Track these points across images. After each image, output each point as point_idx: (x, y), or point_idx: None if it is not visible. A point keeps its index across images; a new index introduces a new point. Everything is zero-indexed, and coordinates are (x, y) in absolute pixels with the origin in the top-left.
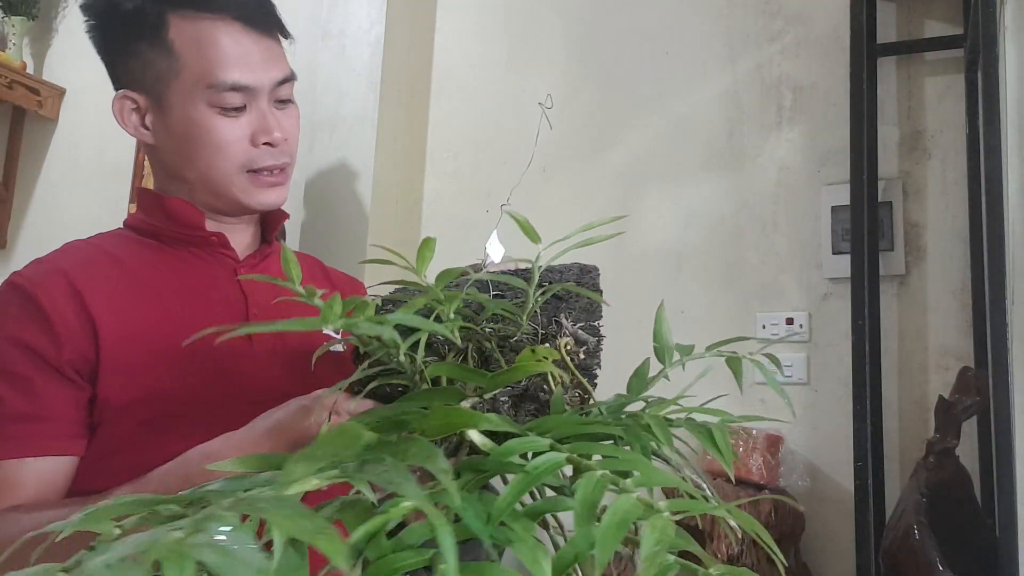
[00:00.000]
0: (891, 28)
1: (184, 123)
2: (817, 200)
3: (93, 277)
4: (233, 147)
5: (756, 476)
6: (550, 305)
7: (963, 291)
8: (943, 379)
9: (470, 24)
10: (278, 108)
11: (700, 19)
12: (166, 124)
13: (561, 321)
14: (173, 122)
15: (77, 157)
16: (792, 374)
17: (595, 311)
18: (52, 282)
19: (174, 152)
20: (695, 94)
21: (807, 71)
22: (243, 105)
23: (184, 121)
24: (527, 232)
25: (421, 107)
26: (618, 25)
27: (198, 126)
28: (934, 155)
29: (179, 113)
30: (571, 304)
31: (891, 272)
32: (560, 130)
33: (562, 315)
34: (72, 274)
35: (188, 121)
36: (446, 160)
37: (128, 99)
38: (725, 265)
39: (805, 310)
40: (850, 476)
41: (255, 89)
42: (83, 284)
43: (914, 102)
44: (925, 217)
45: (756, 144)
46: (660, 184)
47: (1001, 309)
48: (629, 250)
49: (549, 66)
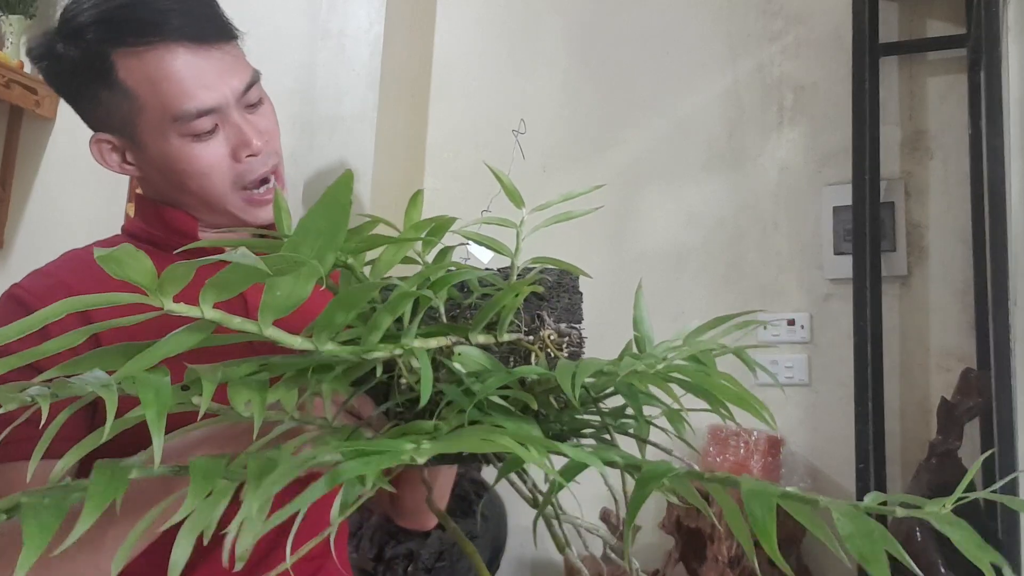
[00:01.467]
0: (893, 28)
1: (162, 158)
2: (818, 200)
3: (95, 289)
4: (217, 169)
5: (757, 477)
6: (532, 304)
7: (965, 292)
8: (945, 380)
9: (470, 23)
10: (250, 113)
11: (701, 19)
12: (146, 159)
13: (543, 316)
14: (152, 157)
15: (75, 156)
16: (793, 375)
17: (576, 312)
18: (55, 297)
19: (163, 182)
20: (696, 94)
21: (808, 71)
22: (215, 126)
23: (162, 156)
24: (511, 195)
25: (421, 107)
26: (619, 25)
27: (177, 159)
28: (936, 155)
29: (154, 149)
30: (552, 304)
31: (893, 273)
32: (560, 130)
33: (544, 311)
34: (76, 288)
35: (165, 156)
36: (446, 160)
37: (104, 142)
38: (725, 266)
39: (806, 311)
40: (852, 478)
41: (221, 106)
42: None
43: (916, 102)
44: (927, 217)
45: (757, 144)
46: (660, 184)
47: (1003, 310)
48: (629, 250)
49: (549, 66)
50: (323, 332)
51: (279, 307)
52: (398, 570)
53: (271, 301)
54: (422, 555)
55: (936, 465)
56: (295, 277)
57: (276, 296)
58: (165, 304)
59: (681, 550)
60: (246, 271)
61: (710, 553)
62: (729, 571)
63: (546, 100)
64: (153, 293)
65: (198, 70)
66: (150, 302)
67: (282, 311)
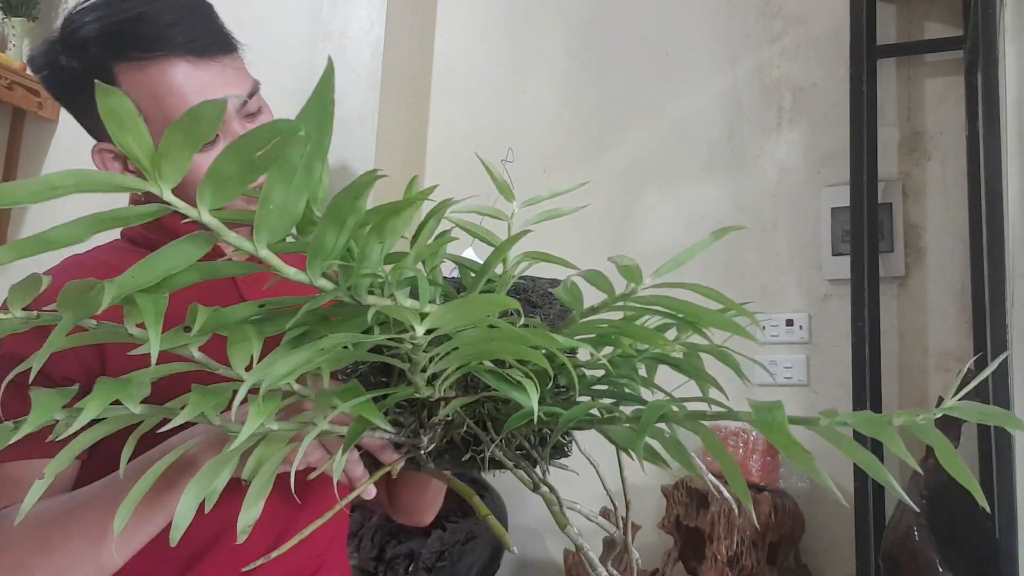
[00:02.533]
0: (891, 29)
1: None
2: (817, 201)
3: None
4: None
5: (755, 477)
6: (524, 311)
7: (963, 292)
8: (943, 380)
9: (470, 24)
10: (250, 122)
11: (700, 20)
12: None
13: (537, 321)
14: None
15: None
16: (792, 375)
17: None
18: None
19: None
20: (695, 95)
21: (807, 72)
22: (216, 136)
23: None
24: (501, 189)
25: (421, 107)
26: (619, 26)
27: None
28: (934, 156)
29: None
30: (545, 311)
31: (891, 273)
32: (560, 131)
33: (537, 318)
34: None
35: None
36: (446, 161)
37: (106, 151)
38: (725, 266)
39: (805, 311)
40: (850, 477)
41: (223, 119)
42: None
43: (914, 103)
44: (925, 218)
45: (756, 145)
46: (660, 185)
47: (1001, 310)
48: (629, 251)
49: (550, 67)
50: (316, 260)
51: (274, 225)
52: (399, 570)
53: (265, 217)
54: (423, 555)
55: (934, 465)
56: (286, 189)
57: (270, 211)
58: (164, 192)
59: (680, 549)
60: (243, 162)
61: (709, 552)
62: (728, 570)
63: (546, 101)
64: (151, 177)
65: (200, 83)
66: (147, 187)
67: (277, 229)
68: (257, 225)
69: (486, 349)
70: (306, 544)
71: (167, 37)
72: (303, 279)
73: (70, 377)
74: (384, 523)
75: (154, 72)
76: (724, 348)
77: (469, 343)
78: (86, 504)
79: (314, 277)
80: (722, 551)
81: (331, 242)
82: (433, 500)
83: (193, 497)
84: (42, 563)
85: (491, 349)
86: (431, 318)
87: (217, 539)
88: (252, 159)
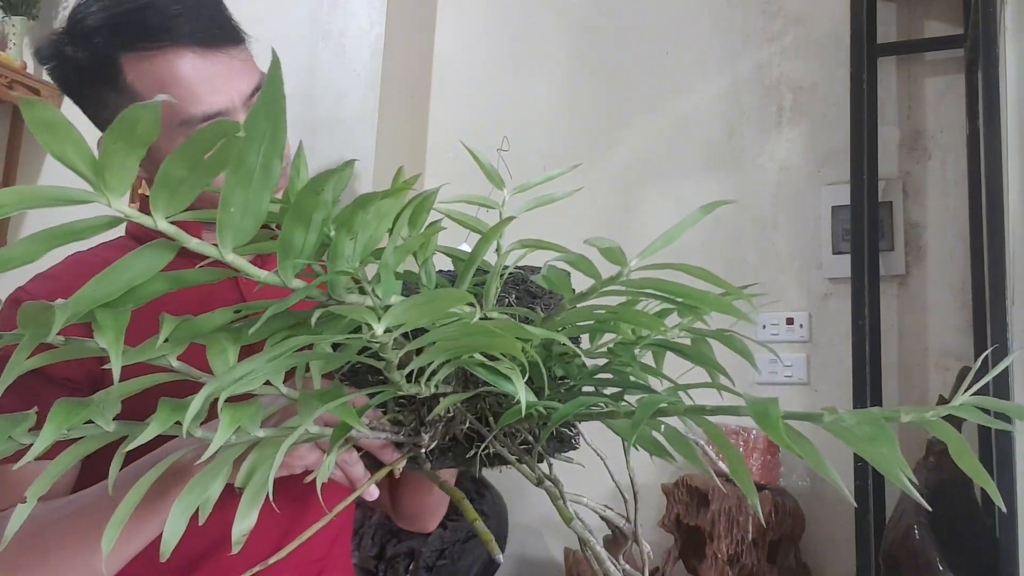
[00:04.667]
0: (891, 28)
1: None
2: (817, 200)
3: None
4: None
5: (756, 476)
6: (523, 302)
7: (963, 291)
8: (943, 379)
9: (470, 24)
10: None
11: (700, 20)
12: (152, 162)
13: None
14: (158, 160)
15: None
16: (792, 374)
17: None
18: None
19: None
20: (695, 94)
21: (807, 71)
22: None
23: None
24: (490, 177)
25: (421, 107)
26: (619, 25)
27: None
28: (934, 155)
29: (161, 152)
30: (545, 301)
31: (891, 272)
32: (560, 131)
33: (537, 308)
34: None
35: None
36: (446, 160)
37: None
38: (725, 265)
39: (805, 310)
40: (850, 476)
41: (228, 110)
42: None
43: (914, 102)
44: (925, 217)
45: (756, 144)
46: (660, 184)
47: (1001, 309)
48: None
49: (550, 66)
50: (285, 260)
51: (237, 227)
52: (399, 568)
53: (227, 220)
54: (423, 553)
55: (934, 463)
56: (245, 189)
57: (231, 213)
58: (112, 202)
59: (680, 548)
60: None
61: (709, 551)
62: (728, 569)
63: (546, 100)
64: (97, 187)
65: (206, 74)
66: (95, 198)
67: (241, 232)
68: (220, 229)
69: (463, 344)
70: (307, 547)
71: (174, 27)
72: (274, 281)
73: (71, 378)
74: (385, 521)
75: (160, 63)
76: (731, 332)
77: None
78: (82, 510)
79: (286, 278)
80: (722, 550)
81: (299, 240)
82: (437, 505)
83: (182, 511)
84: (37, 565)
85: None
86: (389, 315)
87: (218, 545)
88: (201, 161)
